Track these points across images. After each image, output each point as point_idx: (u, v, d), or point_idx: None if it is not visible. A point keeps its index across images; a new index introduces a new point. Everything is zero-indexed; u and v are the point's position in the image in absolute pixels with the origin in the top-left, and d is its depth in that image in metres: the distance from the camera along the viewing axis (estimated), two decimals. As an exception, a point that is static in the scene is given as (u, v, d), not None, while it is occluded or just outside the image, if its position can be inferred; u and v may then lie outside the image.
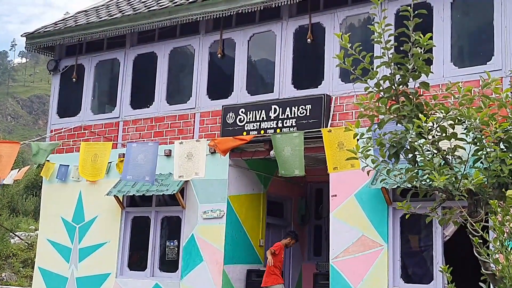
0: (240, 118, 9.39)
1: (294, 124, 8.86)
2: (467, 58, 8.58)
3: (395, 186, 3.98)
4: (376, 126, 3.60)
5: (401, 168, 3.65)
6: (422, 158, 3.51)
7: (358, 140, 3.72)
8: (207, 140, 9.45)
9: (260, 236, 10.23)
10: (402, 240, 8.33)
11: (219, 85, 10.50)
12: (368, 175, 4.11)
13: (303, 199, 11.59)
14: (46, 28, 12.01)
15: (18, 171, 12.51)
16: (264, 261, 10.16)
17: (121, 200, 10.39)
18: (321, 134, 7.69)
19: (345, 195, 8.53)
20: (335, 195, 8.57)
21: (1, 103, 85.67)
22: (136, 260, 10.79)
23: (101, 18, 11.37)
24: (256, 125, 9.29)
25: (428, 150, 3.46)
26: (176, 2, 10.15)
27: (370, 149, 3.70)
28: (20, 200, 28.20)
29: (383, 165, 3.71)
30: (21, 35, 12.73)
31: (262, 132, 9.14)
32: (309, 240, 11.91)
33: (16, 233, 21.53)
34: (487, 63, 7.75)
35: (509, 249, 2.72)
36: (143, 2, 11.57)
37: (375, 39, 3.44)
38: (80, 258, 10.80)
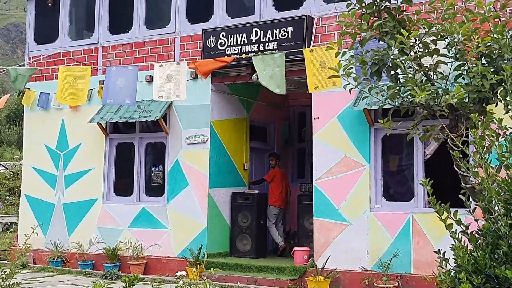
0: (221, 42, 9.36)
1: (275, 47, 8.79)
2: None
3: (378, 106, 4.34)
4: (358, 44, 3.67)
5: (383, 86, 3.81)
6: (404, 75, 3.57)
7: (340, 58, 3.79)
8: (188, 62, 9.44)
9: (244, 160, 10.39)
10: (384, 160, 8.53)
11: (199, 8, 10.26)
12: (350, 93, 4.23)
13: (286, 123, 11.73)
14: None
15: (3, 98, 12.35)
16: (250, 183, 10.65)
17: (104, 127, 10.45)
18: (303, 55, 7.64)
19: (328, 117, 8.64)
20: (318, 118, 8.70)
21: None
22: (122, 185, 10.88)
23: None
24: (238, 48, 9.24)
25: (410, 67, 3.52)
26: None
27: (352, 67, 3.78)
28: (3, 130, 28.74)
29: (365, 83, 3.79)
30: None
31: (243, 55, 9.03)
32: (293, 163, 12.11)
33: (1, 163, 21.74)
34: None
35: (488, 162, 2.81)
36: None
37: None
38: (66, 185, 10.92)
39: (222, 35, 9.37)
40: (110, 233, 10.48)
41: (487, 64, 3.55)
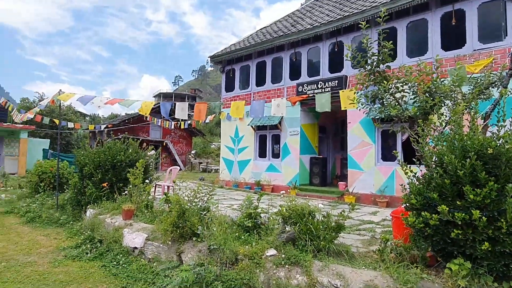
0: (304, 88, 11.70)
1: (329, 90, 10.67)
2: (416, 52, 9.28)
3: (376, 116, 5.60)
4: (365, 88, 4.55)
5: (376, 107, 4.75)
6: (386, 102, 4.47)
7: (356, 95, 4.87)
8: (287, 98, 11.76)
9: (316, 142, 12.62)
10: (382, 142, 9.94)
11: (295, 72, 12.23)
12: (359, 111, 5.25)
13: (334, 124, 13.64)
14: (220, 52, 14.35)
15: (211, 116, 15.05)
16: (319, 153, 12.75)
17: (254, 128, 13.22)
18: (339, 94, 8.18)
19: (355, 122, 10.33)
20: (350, 122, 10.51)
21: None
22: (262, 153, 13.26)
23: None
24: (312, 91, 11.41)
25: (389, 98, 4.42)
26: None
27: (361, 99, 4.81)
28: (214, 129, 34.92)
29: (367, 106, 4.86)
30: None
31: (311, 94, 11.07)
32: (339, 141, 13.69)
33: (214, 143, 26.62)
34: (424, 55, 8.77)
35: (428, 143, 3.52)
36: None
37: (364, 45, 4.30)
38: (238, 153, 13.92)
39: (305, 85, 11.69)
40: (257, 174, 12.93)
41: (428, 95, 4.32)
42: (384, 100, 4.50)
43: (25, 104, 25.87)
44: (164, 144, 26.41)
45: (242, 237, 4.51)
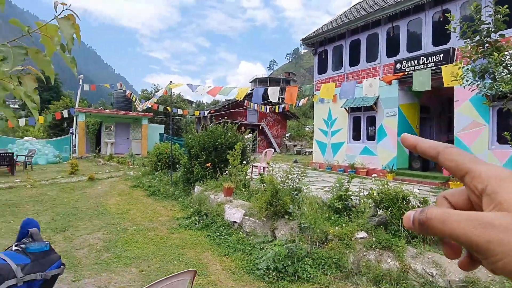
0: (403, 65, 10.80)
1: (433, 66, 9.47)
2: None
3: (488, 93, 4.82)
4: (472, 62, 4.05)
5: (486, 83, 4.28)
6: (499, 76, 3.94)
7: (462, 70, 4.28)
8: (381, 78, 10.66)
9: (416, 123, 11.73)
10: (498, 122, 8.94)
11: (392, 48, 11.47)
12: (464, 88, 4.64)
13: (439, 103, 12.36)
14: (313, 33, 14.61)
15: (304, 99, 16.07)
16: (420, 134, 11.46)
17: (347, 110, 12.81)
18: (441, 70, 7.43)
19: (463, 100, 9.38)
20: (457, 100, 9.57)
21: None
22: (356, 135, 12.86)
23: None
24: (411, 68, 10.48)
25: (502, 71, 3.92)
26: None
27: (467, 74, 4.25)
28: (309, 111, 33.91)
29: (474, 82, 4.28)
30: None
31: (406, 73, 10.01)
32: (445, 121, 12.67)
33: (307, 126, 26.65)
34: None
35: None
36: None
37: (472, 12, 3.87)
38: (332, 135, 13.74)
39: (404, 61, 10.76)
40: (351, 157, 12.60)
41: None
42: (496, 74, 4.00)
43: (145, 95, 29.85)
44: (260, 127, 27.55)
45: (332, 218, 4.60)
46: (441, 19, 10.01)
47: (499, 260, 0.28)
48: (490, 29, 3.99)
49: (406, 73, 10.45)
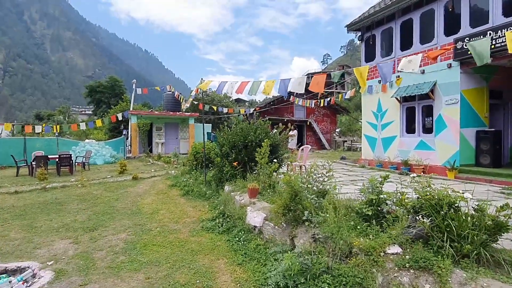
0: (466, 44, 8.83)
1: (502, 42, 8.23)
2: None
3: None
4: None
5: None
6: None
7: None
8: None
9: (485, 111, 10.14)
10: None
11: (452, 25, 10.14)
12: None
13: None
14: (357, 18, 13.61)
15: (351, 91, 15.06)
16: (489, 125, 10.16)
17: (399, 99, 11.70)
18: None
19: None
20: None
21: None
22: (410, 128, 11.49)
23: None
24: None
25: None
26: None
27: None
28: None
29: None
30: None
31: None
32: None
33: (360, 120, 25.09)
34: None
35: None
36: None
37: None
38: (382, 129, 12.61)
39: (467, 39, 9.03)
40: (404, 152, 11.44)
41: None
42: None
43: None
44: (308, 123, 26.52)
45: (359, 227, 3.80)
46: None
47: None
48: None
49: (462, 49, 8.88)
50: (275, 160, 7.28)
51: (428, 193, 3.46)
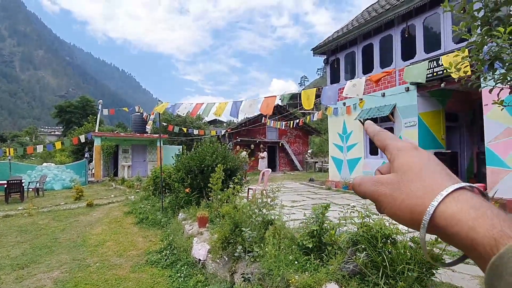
0: None
1: None
2: None
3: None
4: (476, 51, 2.95)
5: (498, 74, 3.03)
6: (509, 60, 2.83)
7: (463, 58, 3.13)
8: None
9: (442, 133, 10.32)
10: None
11: (407, 51, 10.52)
12: (470, 87, 3.40)
13: (470, 109, 10.94)
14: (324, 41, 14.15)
15: (319, 112, 15.81)
16: (446, 146, 10.34)
17: (362, 121, 11.72)
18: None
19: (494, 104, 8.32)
20: (486, 104, 8.10)
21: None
22: (373, 150, 11.70)
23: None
24: (430, 70, 9.23)
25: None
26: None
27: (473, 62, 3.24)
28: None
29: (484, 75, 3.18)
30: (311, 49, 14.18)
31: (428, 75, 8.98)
32: (477, 130, 10.76)
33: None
34: None
35: None
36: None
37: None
38: (347, 150, 12.65)
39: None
40: (368, 174, 11.85)
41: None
42: (509, 59, 2.87)
43: (164, 117, 29.88)
44: (280, 144, 26.53)
45: (298, 261, 3.54)
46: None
47: (385, 208, 0.41)
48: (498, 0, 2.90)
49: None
50: (231, 186, 6.98)
51: (365, 225, 3.27)
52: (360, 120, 11.81)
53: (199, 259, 4.91)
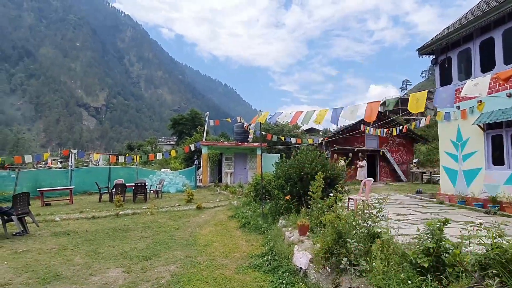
0: None
1: None
2: None
3: None
4: None
5: None
6: None
7: None
8: None
9: None
10: None
11: None
12: None
13: None
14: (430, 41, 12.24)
15: (426, 118, 14.55)
16: None
17: (482, 126, 10.27)
18: None
19: None
20: None
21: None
22: (497, 159, 10.04)
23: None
24: None
25: None
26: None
27: None
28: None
29: None
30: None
31: None
32: None
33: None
34: None
35: None
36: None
37: None
38: (463, 160, 11.14)
39: None
40: (491, 187, 9.88)
41: None
42: None
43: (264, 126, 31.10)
44: (381, 153, 24.80)
45: (411, 280, 3.22)
46: None
47: None
48: None
49: None
50: (331, 194, 6.82)
51: (498, 246, 2.79)
52: (479, 125, 10.24)
53: (300, 267, 4.87)
